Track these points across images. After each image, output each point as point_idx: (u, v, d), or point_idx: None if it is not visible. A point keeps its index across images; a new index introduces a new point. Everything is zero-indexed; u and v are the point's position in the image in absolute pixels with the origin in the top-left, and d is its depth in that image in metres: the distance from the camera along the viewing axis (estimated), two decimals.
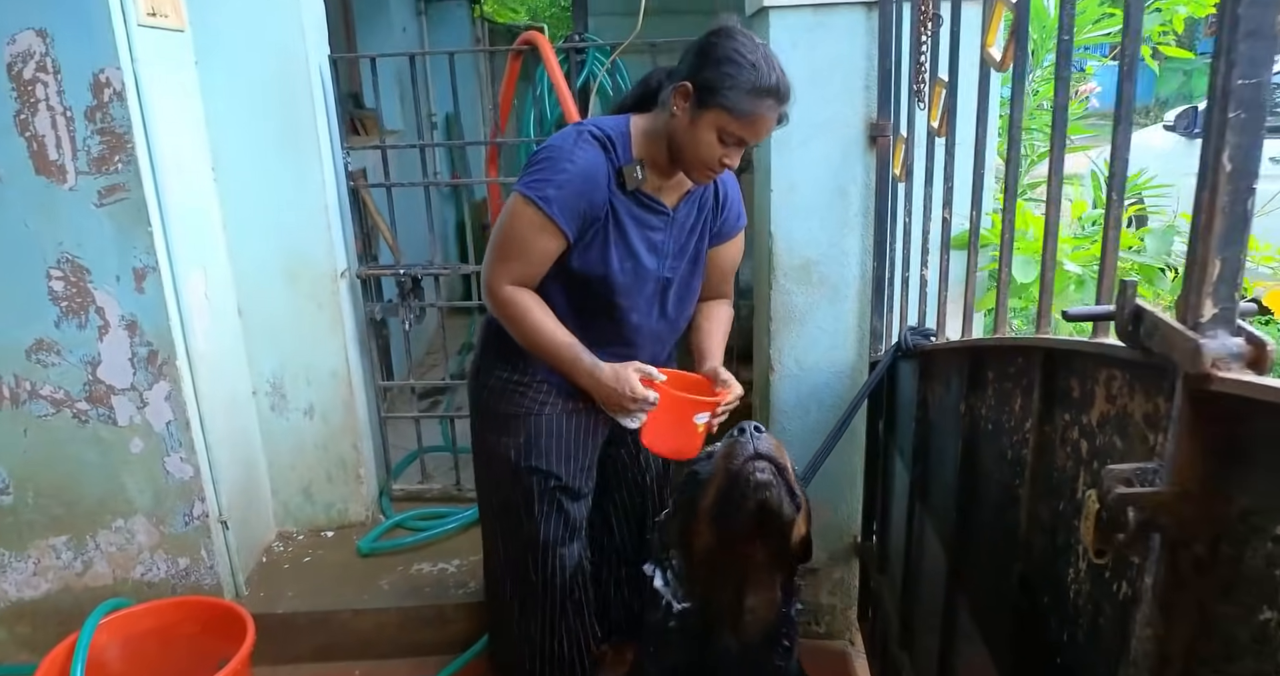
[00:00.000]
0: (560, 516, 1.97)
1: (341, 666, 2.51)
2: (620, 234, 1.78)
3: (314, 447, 2.82)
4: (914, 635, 1.94)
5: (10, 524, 2.40)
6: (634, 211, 1.79)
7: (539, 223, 1.70)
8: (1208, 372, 0.71)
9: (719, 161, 1.69)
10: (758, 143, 1.73)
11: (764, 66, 1.62)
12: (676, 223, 1.85)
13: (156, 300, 2.24)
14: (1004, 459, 1.31)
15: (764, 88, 1.61)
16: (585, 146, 1.72)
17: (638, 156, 1.76)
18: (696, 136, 1.67)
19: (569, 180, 1.69)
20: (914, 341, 1.78)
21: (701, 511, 1.48)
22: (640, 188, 1.77)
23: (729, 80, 1.61)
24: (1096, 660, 0.99)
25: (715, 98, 1.63)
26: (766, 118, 1.65)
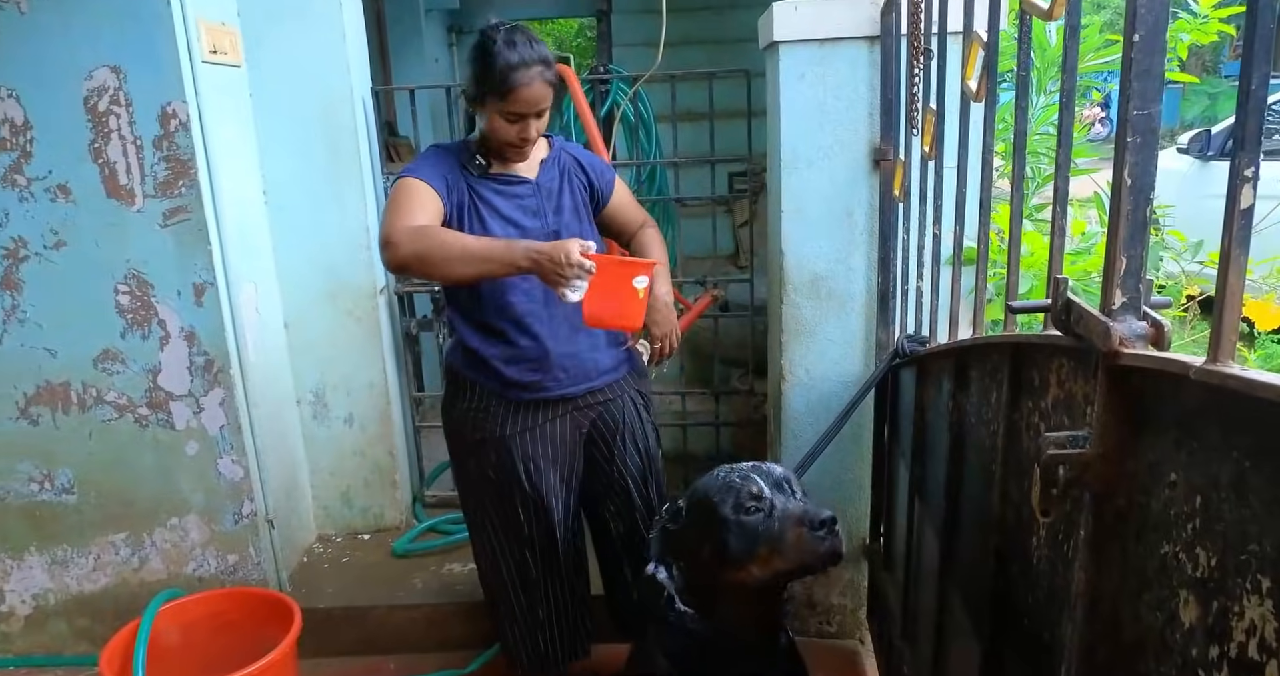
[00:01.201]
0: (545, 525, 2.09)
1: (377, 659, 2.67)
2: (492, 209, 2.00)
3: (352, 454, 3.00)
4: (914, 625, 2.07)
5: (74, 521, 2.59)
6: (497, 188, 2.01)
7: (414, 187, 1.92)
8: (1116, 350, 0.86)
9: (517, 138, 1.91)
10: (541, 110, 1.90)
11: (505, 48, 1.83)
12: (543, 187, 2.06)
13: (214, 313, 2.43)
14: (983, 447, 1.45)
15: (507, 64, 1.82)
16: (430, 151, 2.04)
17: (476, 153, 2.02)
18: (490, 125, 1.91)
19: (424, 158, 2.00)
20: (910, 347, 1.93)
21: (755, 566, 1.54)
22: (489, 172, 2.00)
23: (481, 71, 1.86)
24: (1053, 616, 1.13)
25: (480, 93, 1.88)
26: (526, 89, 1.84)
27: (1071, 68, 1.05)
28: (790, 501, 1.57)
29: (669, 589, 1.64)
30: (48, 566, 2.62)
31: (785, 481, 1.62)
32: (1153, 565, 0.86)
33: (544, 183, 2.06)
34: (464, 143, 2.06)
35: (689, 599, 1.64)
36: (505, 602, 2.20)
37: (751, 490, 1.56)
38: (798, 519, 1.51)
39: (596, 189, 2.14)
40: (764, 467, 1.64)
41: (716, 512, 1.57)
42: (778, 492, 1.58)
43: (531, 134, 1.91)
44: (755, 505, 1.55)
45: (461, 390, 2.08)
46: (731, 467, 1.65)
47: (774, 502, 1.55)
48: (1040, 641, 1.18)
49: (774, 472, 1.63)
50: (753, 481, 1.58)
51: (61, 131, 2.31)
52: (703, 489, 1.64)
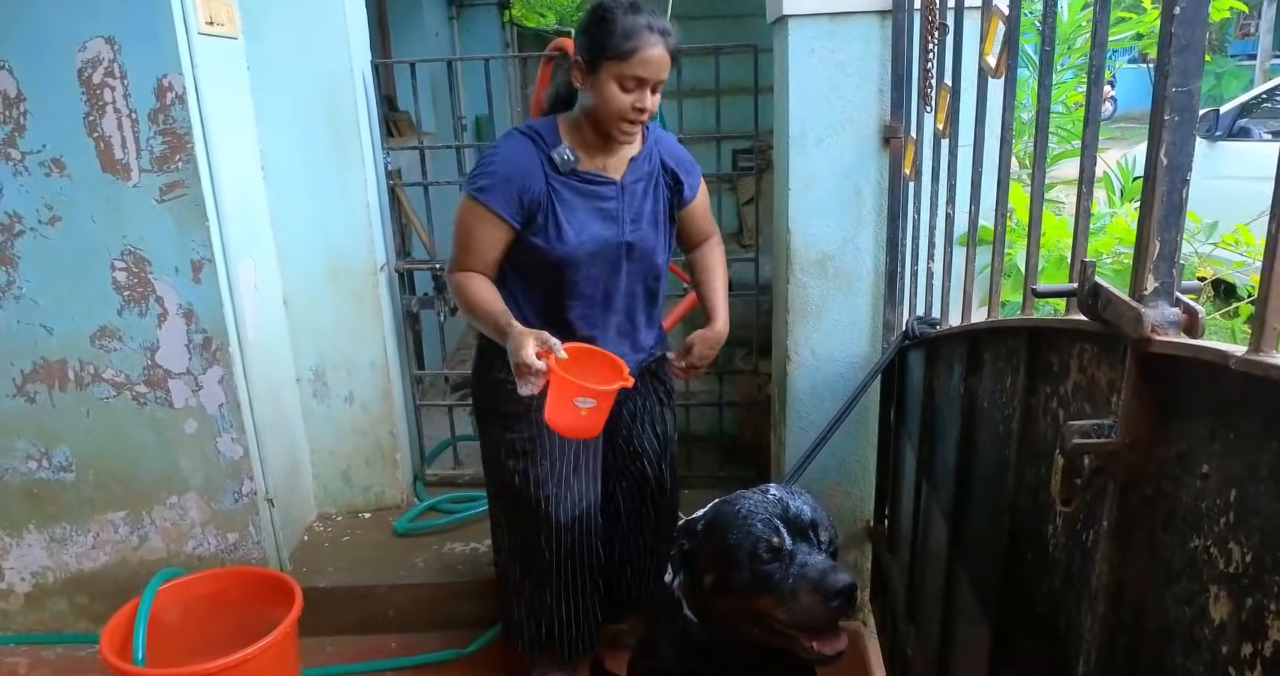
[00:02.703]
0: (568, 499, 2.08)
1: (379, 638, 2.66)
2: (569, 211, 1.94)
3: (353, 433, 2.98)
4: (919, 607, 2.06)
5: (72, 500, 2.57)
6: (579, 188, 1.95)
7: (480, 213, 1.91)
8: (1148, 337, 0.83)
9: (631, 108, 1.84)
10: (659, 80, 1.85)
11: (627, 13, 1.81)
12: (627, 190, 2.00)
13: (211, 290, 2.40)
14: (996, 432, 1.43)
15: (631, 27, 1.79)
16: (513, 140, 1.95)
17: (567, 145, 1.94)
18: (602, 94, 1.84)
19: (498, 170, 1.90)
20: (920, 329, 1.90)
21: (751, 610, 1.47)
22: (575, 168, 1.94)
23: (600, 36, 1.81)
24: (1070, 604, 1.11)
25: (599, 55, 1.82)
26: (650, 51, 1.80)
27: (1101, 42, 1.01)
28: (812, 555, 1.44)
29: (679, 595, 1.61)
30: (47, 544, 2.60)
31: (812, 527, 1.48)
32: (1181, 558, 0.83)
33: (629, 184, 2.00)
34: (551, 129, 1.96)
35: (694, 607, 1.60)
36: (513, 581, 2.19)
37: (772, 542, 1.44)
38: (814, 583, 1.39)
39: (683, 195, 2.10)
40: (794, 509, 1.49)
41: (730, 554, 1.47)
42: (801, 541, 1.46)
43: (649, 104, 1.85)
44: (772, 555, 1.44)
45: (496, 360, 2.02)
46: (761, 500, 1.51)
47: (794, 555, 1.44)
48: (1055, 628, 1.16)
49: (802, 516, 1.48)
50: (776, 531, 1.45)
51: (55, 104, 2.26)
52: (724, 521, 1.51)
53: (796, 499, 1.51)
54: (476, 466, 3.23)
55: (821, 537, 1.49)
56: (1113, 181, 3.33)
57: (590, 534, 2.14)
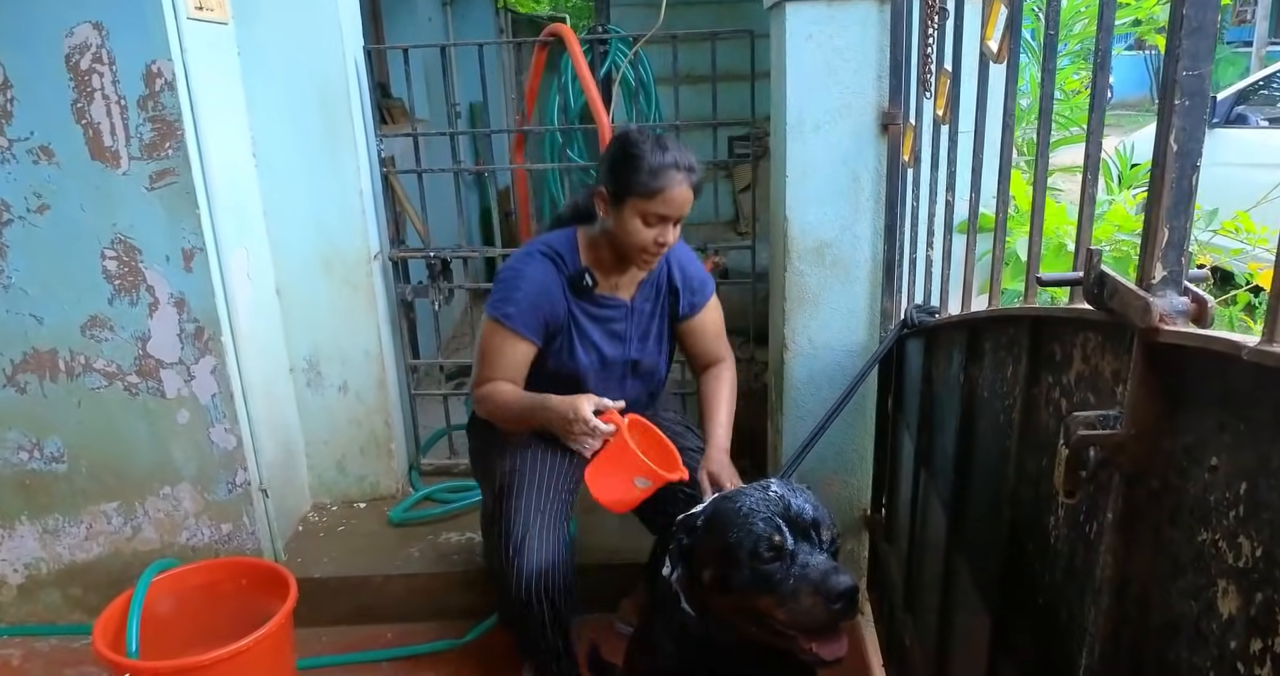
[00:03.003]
0: (543, 525, 2.02)
1: (375, 628, 2.65)
2: (582, 334, 2.04)
3: (347, 423, 2.96)
4: (916, 597, 2.05)
5: (64, 491, 2.55)
6: (592, 312, 2.05)
7: (506, 336, 1.98)
8: (1156, 327, 0.81)
9: (653, 242, 1.90)
10: (681, 216, 1.91)
11: (655, 150, 1.86)
12: (635, 311, 2.09)
13: (203, 279, 2.37)
14: (996, 422, 1.42)
15: (659, 165, 1.84)
16: (536, 263, 2.01)
17: (585, 263, 2.02)
18: (625, 227, 1.90)
19: (524, 295, 1.97)
20: (919, 318, 1.88)
21: (750, 608, 1.45)
22: (593, 291, 2.02)
23: (630, 171, 1.85)
24: (1072, 596, 1.10)
25: (625, 189, 1.86)
26: (675, 189, 1.85)
27: (1108, 26, 0.99)
28: (814, 555, 1.41)
29: (677, 588, 1.59)
30: (39, 535, 2.58)
31: (814, 527, 1.45)
32: (1188, 552, 0.82)
33: (638, 305, 2.09)
34: (570, 247, 2.03)
35: (692, 601, 1.57)
36: (500, 597, 2.17)
37: (774, 541, 1.42)
38: (816, 585, 1.36)
39: (678, 310, 2.14)
40: (795, 507, 1.45)
41: (730, 553, 1.44)
42: (803, 541, 1.43)
43: (670, 238, 1.91)
44: (774, 554, 1.42)
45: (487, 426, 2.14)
46: (763, 497, 1.48)
47: (795, 555, 1.41)
48: (1056, 619, 1.15)
49: (804, 514, 1.45)
50: (778, 529, 1.43)
51: (42, 91, 2.23)
52: (724, 519, 1.48)
53: (798, 497, 1.49)
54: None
55: (823, 537, 1.46)
56: (1111, 168, 3.31)
57: (557, 586, 2.03)
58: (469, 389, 2.06)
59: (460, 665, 2.49)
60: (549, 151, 3.63)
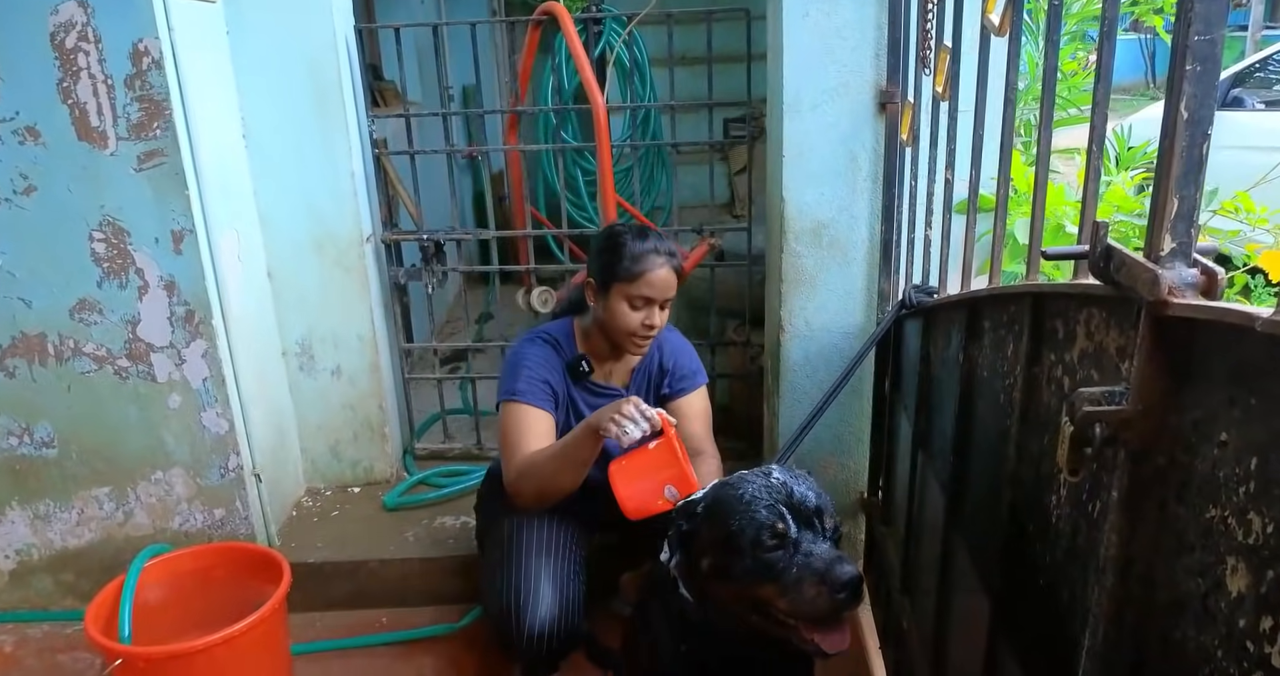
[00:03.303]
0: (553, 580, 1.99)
1: (369, 613, 2.64)
2: (580, 418, 2.05)
3: (341, 407, 2.94)
4: (914, 579, 2.04)
5: (55, 476, 2.53)
6: (589, 400, 2.12)
7: (522, 411, 2.03)
8: (1165, 299, 0.80)
9: (641, 325, 1.99)
10: (666, 299, 2.00)
11: (636, 239, 1.98)
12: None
13: (193, 261, 2.34)
14: (996, 402, 1.40)
15: (641, 252, 1.96)
16: (537, 346, 2.10)
17: (581, 351, 2.11)
18: (613, 312, 1.99)
19: (530, 372, 2.05)
20: (917, 298, 1.86)
21: (750, 598, 1.42)
22: (589, 378, 2.11)
23: (612, 259, 1.97)
24: (1074, 575, 1.08)
25: (611, 276, 1.97)
26: (656, 271, 1.96)
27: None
28: (817, 544, 1.38)
29: (675, 574, 1.57)
30: (30, 521, 2.56)
31: (817, 515, 1.42)
32: (1196, 529, 0.81)
33: (632, 393, 2.13)
34: (568, 336, 2.12)
35: (690, 587, 1.54)
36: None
37: (777, 528, 1.38)
38: (820, 574, 1.33)
39: (674, 389, 2.16)
40: (798, 495, 1.42)
41: (732, 541, 1.41)
42: (806, 530, 1.40)
43: (657, 321, 2.00)
44: (777, 543, 1.39)
45: (497, 499, 2.15)
46: (765, 484, 1.45)
47: (799, 544, 1.38)
48: (1058, 599, 1.14)
49: (807, 502, 1.42)
50: (781, 517, 1.39)
51: (28, 70, 2.19)
52: (725, 506, 1.46)
53: (801, 484, 1.46)
54: (467, 440, 3.21)
55: (826, 525, 1.43)
56: (1109, 150, 3.28)
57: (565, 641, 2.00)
58: (503, 481, 2.05)
59: (457, 649, 2.48)
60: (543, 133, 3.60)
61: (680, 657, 1.58)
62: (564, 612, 1.93)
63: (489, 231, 2.93)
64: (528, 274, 3.02)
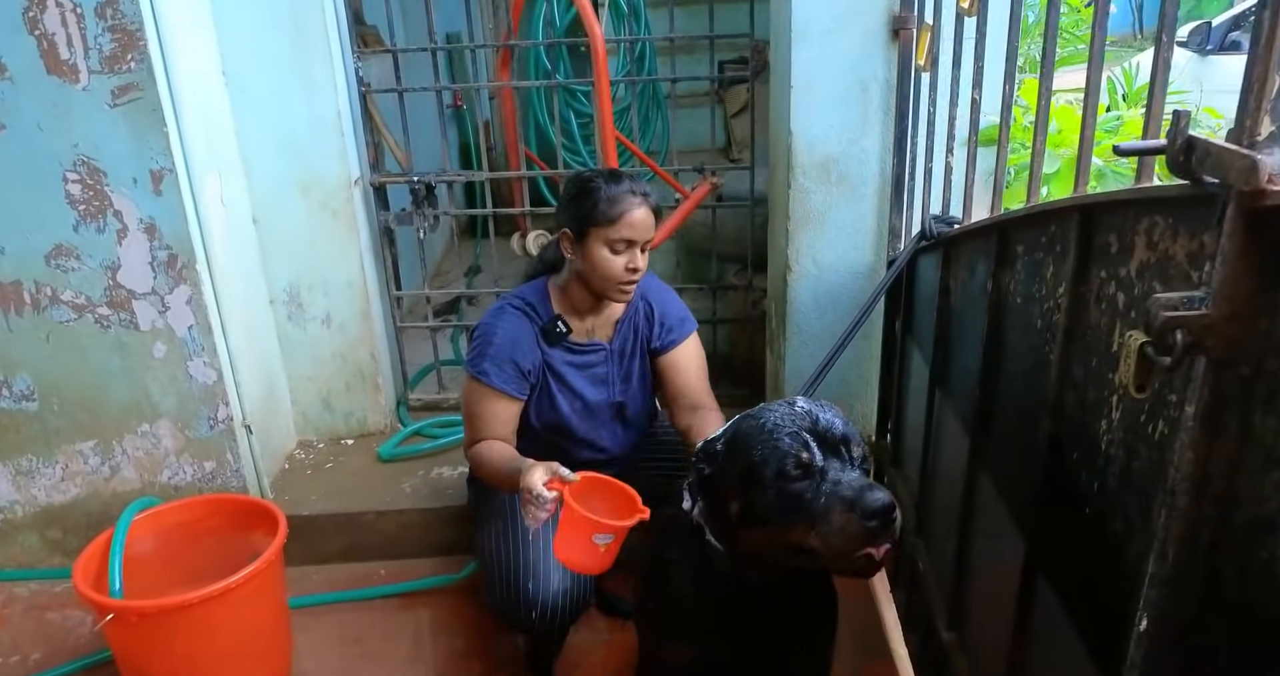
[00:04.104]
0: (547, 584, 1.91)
1: (367, 566, 2.58)
2: (561, 382, 2.02)
3: (332, 357, 2.85)
4: (929, 520, 1.99)
5: (37, 430, 2.43)
6: (569, 360, 2.03)
7: (485, 394, 1.96)
8: (1263, 188, 0.72)
9: (624, 270, 1.89)
10: (646, 240, 1.90)
11: (609, 181, 1.88)
12: (615, 353, 2.07)
13: (174, 203, 2.24)
14: (1033, 328, 1.33)
15: (616, 193, 1.86)
16: (507, 317, 2.00)
17: (558, 312, 2.01)
18: (594, 261, 1.89)
19: (497, 351, 1.96)
20: (937, 229, 1.79)
21: (783, 539, 1.33)
22: (567, 339, 2.01)
23: (587, 205, 1.87)
24: (1130, 503, 1.02)
25: (587, 222, 1.87)
26: (635, 212, 1.86)
27: None
28: (845, 472, 1.29)
29: (700, 521, 1.49)
30: (12, 477, 2.47)
31: (844, 442, 1.33)
32: None
33: (616, 348, 2.07)
34: (542, 298, 2.02)
35: (719, 536, 1.46)
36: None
37: (802, 457, 1.30)
38: (850, 502, 1.24)
39: (664, 342, 2.07)
40: (824, 422, 1.33)
41: (754, 472, 1.33)
42: (833, 457, 1.31)
43: (640, 263, 1.90)
44: (802, 472, 1.30)
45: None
46: (788, 412, 1.35)
47: (825, 472, 1.29)
48: (1108, 530, 1.08)
49: (833, 429, 1.33)
50: (805, 445, 1.31)
51: None
52: (746, 437, 1.37)
53: (826, 412, 1.37)
54: (460, 390, 3.13)
55: (854, 453, 1.34)
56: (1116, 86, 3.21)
57: (573, 616, 1.94)
58: (463, 450, 2.04)
59: (458, 600, 2.42)
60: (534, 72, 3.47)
61: (702, 607, 1.52)
62: (576, 584, 1.88)
63: (483, 173, 2.82)
64: (522, 217, 2.92)
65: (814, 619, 1.60)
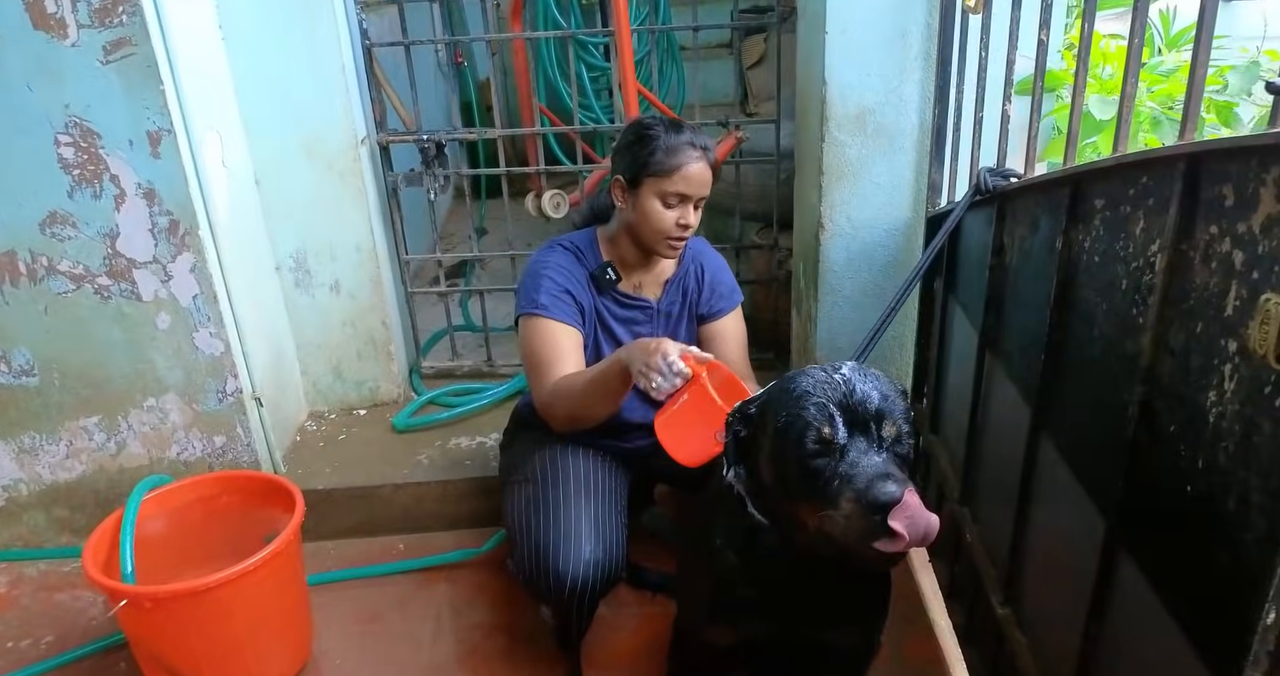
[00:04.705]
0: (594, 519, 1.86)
1: (385, 540, 2.50)
2: (608, 332, 1.95)
3: (341, 325, 2.74)
4: (977, 490, 1.91)
5: (39, 406, 2.34)
6: (617, 312, 1.96)
7: (548, 329, 1.86)
8: None
9: (675, 225, 1.82)
10: (702, 196, 1.83)
11: (669, 130, 1.80)
12: (661, 313, 1.99)
13: (173, 166, 2.12)
14: (1116, 289, 1.23)
15: (675, 144, 1.78)
16: (557, 253, 1.93)
17: (606, 259, 1.93)
18: (645, 212, 1.82)
19: (551, 283, 1.88)
20: (993, 182, 1.67)
21: (807, 518, 1.24)
22: (616, 287, 1.93)
23: (644, 153, 1.79)
24: (1249, 481, 0.93)
25: (642, 173, 1.80)
26: (692, 166, 1.79)
27: None
28: (868, 455, 1.18)
29: (740, 491, 1.40)
30: (15, 455, 2.38)
31: (878, 418, 1.21)
32: None
33: (664, 307, 1.99)
34: (590, 244, 1.95)
35: (760, 507, 1.37)
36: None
37: (823, 432, 1.20)
38: (859, 491, 1.13)
39: (712, 309, 1.99)
40: (860, 394, 1.21)
41: (778, 440, 1.25)
42: (860, 435, 1.20)
43: (692, 220, 1.84)
44: (819, 448, 1.20)
45: (525, 429, 2.07)
46: (824, 379, 1.25)
47: (846, 451, 1.19)
48: (1218, 511, 0.98)
49: (867, 403, 1.21)
50: (830, 419, 1.20)
51: None
52: (775, 402, 1.29)
53: (868, 382, 1.24)
54: (475, 357, 3.04)
55: (885, 432, 1.22)
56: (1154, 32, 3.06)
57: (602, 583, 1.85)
58: (535, 402, 1.92)
59: (481, 575, 2.35)
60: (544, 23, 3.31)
61: (752, 587, 1.44)
62: (606, 557, 1.79)
63: (495, 130, 2.69)
64: (537, 177, 2.79)
65: (867, 597, 1.52)
